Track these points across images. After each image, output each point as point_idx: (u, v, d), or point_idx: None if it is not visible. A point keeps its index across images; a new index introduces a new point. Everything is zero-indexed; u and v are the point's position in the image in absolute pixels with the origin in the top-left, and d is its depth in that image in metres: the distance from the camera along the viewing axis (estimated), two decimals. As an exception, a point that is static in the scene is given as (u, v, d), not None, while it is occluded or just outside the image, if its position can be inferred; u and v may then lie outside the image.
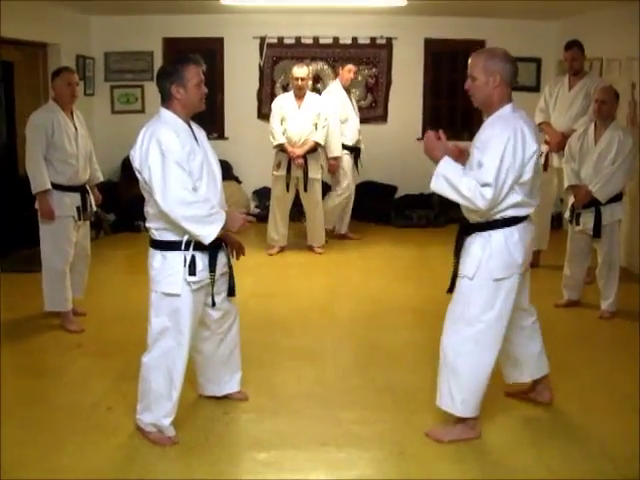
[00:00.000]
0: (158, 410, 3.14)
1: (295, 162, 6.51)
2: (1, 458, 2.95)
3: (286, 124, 6.55)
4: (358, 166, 7.19)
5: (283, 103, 6.63)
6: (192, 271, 3.02)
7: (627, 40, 6.03)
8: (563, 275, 5.19)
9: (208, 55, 7.60)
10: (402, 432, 3.29)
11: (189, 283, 3.04)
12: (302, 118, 6.54)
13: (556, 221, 6.97)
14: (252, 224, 3.22)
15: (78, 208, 4.61)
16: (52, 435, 3.22)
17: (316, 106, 6.59)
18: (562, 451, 3.11)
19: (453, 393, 3.13)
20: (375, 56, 8.38)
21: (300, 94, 6.56)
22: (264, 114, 8.08)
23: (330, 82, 7.59)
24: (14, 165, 6.72)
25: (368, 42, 8.34)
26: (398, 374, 3.97)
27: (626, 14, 6.01)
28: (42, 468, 2.94)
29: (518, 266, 3.08)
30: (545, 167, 5.66)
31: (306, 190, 6.66)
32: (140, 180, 3.02)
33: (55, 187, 4.48)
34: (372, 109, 8.43)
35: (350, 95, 7.19)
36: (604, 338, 4.62)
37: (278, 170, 6.66)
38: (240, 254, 3.32)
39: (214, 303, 3.19)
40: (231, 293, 3.30)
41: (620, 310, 4.91)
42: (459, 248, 3.18)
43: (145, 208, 3.10)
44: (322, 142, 6.62)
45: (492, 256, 3.03)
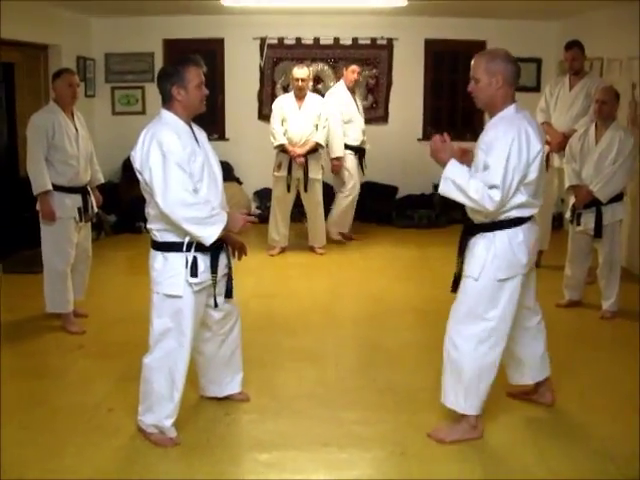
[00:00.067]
0: (160, 411, 3.14)
1: (296, 161, 6.51)
2: (1, 459, 2.95)
3: (287, 125, 6.56)
4: (363, 166, 7.18)
5: (284, 104, 6.63)
6: (194, 272, 3.02)
7: (627, 40, 6.03)
8: (564, 275, 5.20)
9: (209, 56, 7.60)
10: (404, 432, 3.29)
11: (191, 284, 3.04)
12: (303, 119, 6.54)
13: (557, 221, 6.97)
14: (253, 225, 3.21)
15: (79, 209, 4.61)
16: (53, 436, 3.22)
17: (317, 107, 6.59)
18: (563, 451, 3.12)
19: (457, 391, 3.14)
20: (376, 57, 8.38)
21: (301, 95, 6.56)
22: (265, 115, 8.08)
23: (330, 83, 7.59)
24: (15, 166, 6.72)
25: (369, 43, 8.33)
26: (400, 374, 3.97)
27: (626, 14, 6.01)
28: (43, 469, 2.94)
29: (522, 266, 3.08)
30: (546, 167, 5.64)
31: (307, 190, 6.66)
32: (141, 181, 3.02)
33: (56, 188, 4.48)
34: (373, 110, 8.41)
35: (355, 96, 7.17)
36: (605, 338, 4.62)
37: (279, 171, 6.66)
38: (242, 254, 3.32)
39: (217, 304, 3.19)
40: (228, 295, 3.29)
41: (621, 310, 4.91)
42: (463, 248, 3.18)
43: (146, 209, 3.10)
44: (323, 142, 6.61)
45: (496, 256, 3.04)
